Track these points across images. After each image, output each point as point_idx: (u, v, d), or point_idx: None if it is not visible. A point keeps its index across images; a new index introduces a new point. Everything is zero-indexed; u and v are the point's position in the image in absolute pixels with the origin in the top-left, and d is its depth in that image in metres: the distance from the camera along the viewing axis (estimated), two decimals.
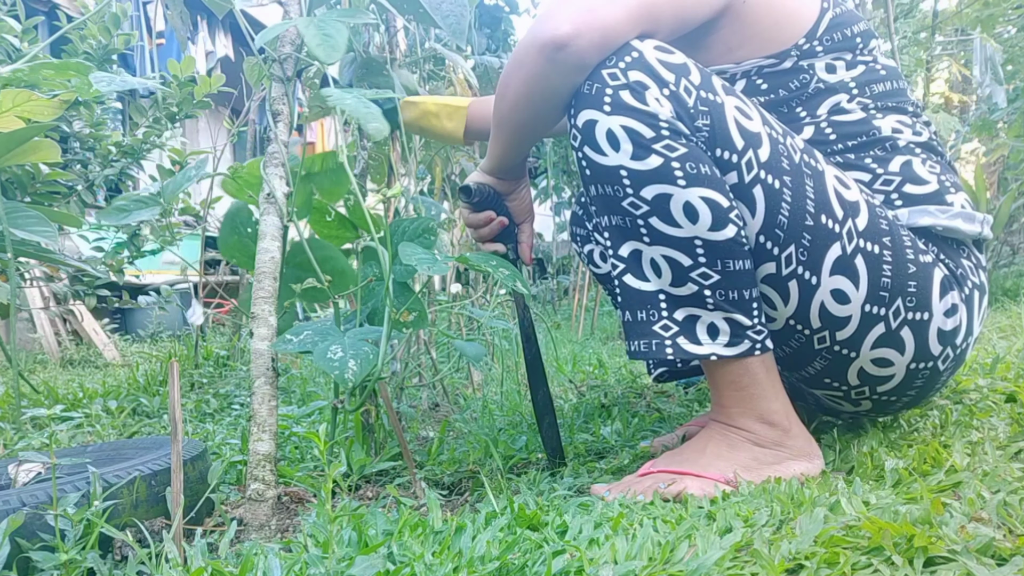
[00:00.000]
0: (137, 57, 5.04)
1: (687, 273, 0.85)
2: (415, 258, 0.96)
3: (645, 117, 0.82)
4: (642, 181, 0.83)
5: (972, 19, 3.97)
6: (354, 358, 0.91)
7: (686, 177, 0.82)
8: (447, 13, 1.06)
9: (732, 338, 0.86)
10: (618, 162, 0.84)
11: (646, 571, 0.59)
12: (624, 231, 0.87)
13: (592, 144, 0.85)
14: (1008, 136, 3.73)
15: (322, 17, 0.94)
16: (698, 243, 0.84)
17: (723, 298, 0.85)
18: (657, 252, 0.86)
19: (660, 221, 0.84)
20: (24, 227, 1.28)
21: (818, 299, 0.87)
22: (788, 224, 0.85)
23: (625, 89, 0.83)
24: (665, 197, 0.83)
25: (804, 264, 0.86)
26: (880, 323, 0.88)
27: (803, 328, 0.89)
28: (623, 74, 0.84)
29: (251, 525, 0.88)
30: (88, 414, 1.77)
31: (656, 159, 0.82)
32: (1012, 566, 0.53)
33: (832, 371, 0.93)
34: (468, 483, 1.11)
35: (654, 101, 0.82)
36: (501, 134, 1.00)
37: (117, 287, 2.56)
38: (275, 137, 1.01)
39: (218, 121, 5.61)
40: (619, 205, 0.86)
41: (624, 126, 0.83)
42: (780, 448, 0.88)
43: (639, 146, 0.83)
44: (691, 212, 0.83)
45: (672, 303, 0.87)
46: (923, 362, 0.91)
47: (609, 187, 0.86)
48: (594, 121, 0.84)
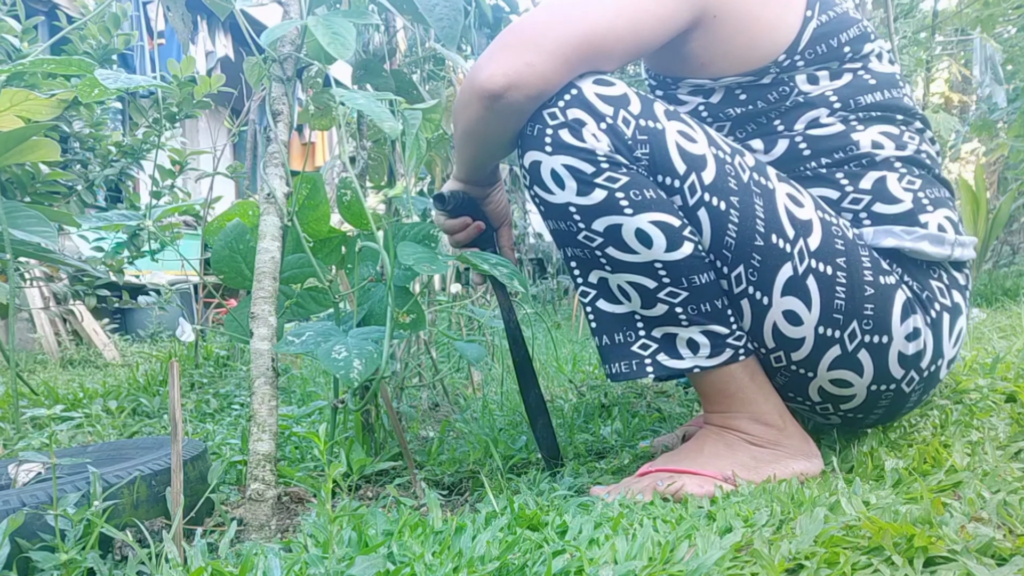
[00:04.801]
0: (137, 57, 5.04)
1: (654, 295, 0.86)
2: (414, 258, 0.96)
3: (584, 154, 0.83)
4: (591, 215, 0.84)
5: (972, 19, 3.97)
6: (358, 357, 0.91)
7: (632, 205, 0.83)
8: (440, 16, 1.06)
9: (713, 349, 0.87)
10: (566, 199, 0.85)
11: (646, 571, 0.59)
12: (586, 261, 0.89)
13: (540, 184, 0.86)
14: (1008, 136, 3.73)
15: (328, 16, 0.95)
16: (658, 265, 0.84)
17: (695, 312, 0.86)
18: (621, 279, 0.87)
19: (616, 250, 0.85)
20: (24, 227, 1.28)
21: (770, 319, 0.86)
22: (736, 244, 0.84)
23: (564, 128, 0.84)
24: (616, 227, 0.84)
25: (754, 284, 0.85)
26: (835, 345, 0.86)
27: (759, 347, 0.89)
28: (562, 113, 0.85)
29: (251, 525, 0.88)
30: (88, 414, 1.77)
31: (600, 192, 0.83)
32: (1012, 566, 0.53)
33: (794, 387, 0.92)
34: (468, 483, 1.11)
35: (591, 137, 0.83)
36: (463, 151, 1.01)
37: (117, 287, 2.56)
38: (275, 137, 1.01)
39: (218, 121, 5.61)
40: (575, 239, 0.87)
41: (566, 164, 0.84)
42: (777, 447, 0.88)
43: (582, 182, 0.83)
44: (644, 237, 0.83)
45: (647, 324, 0.89)
46: (884, 384, 0.89)
47: (563, 223, 0.87)
48: (538, 162, 0.86)
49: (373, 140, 1.47)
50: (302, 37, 1.03)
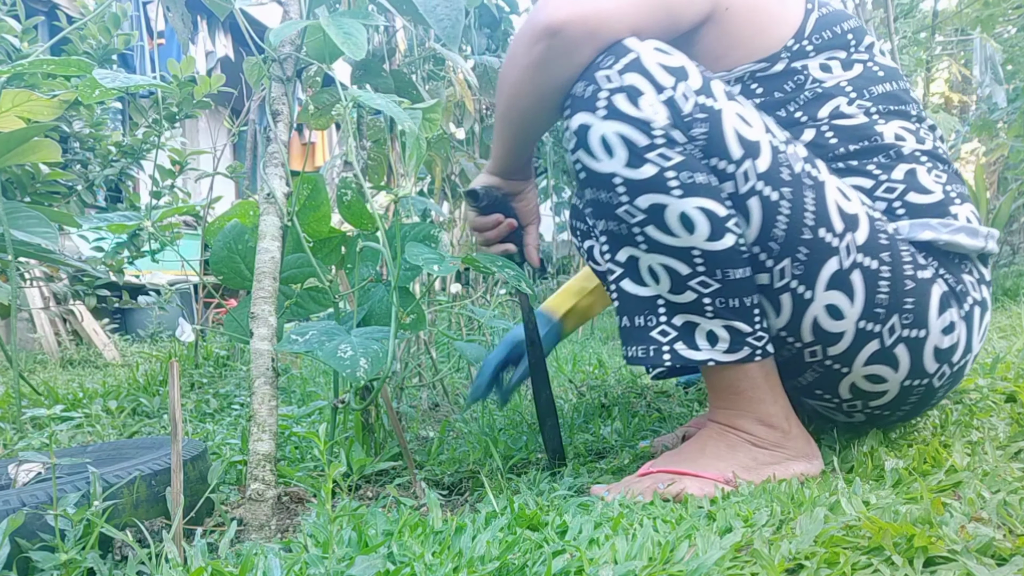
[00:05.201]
0: (137, 57, 5.04)
1: (685, 281, 0.84)
2: (422, 258, 0.96)
3: (639, 124, 0.80)
4: (637, 190, 0.81)
5: (972, 19, 3.97)
6: (364, 356, 0.91)
7: (682, 187, 0.80)
8: (441, 16, 1.06)
9: (732, 345, 0.85)
10: (612, 169, 0.82)
11: (646, 571, 0.59)
12: (620, 237, 0.86)
13: (586, 148, 0.83)
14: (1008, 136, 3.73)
15: (336, 17, 0.95)
16: (696, 253, 0.82)
17: (723, 306, 0.84)
18: (654, 260, 0.84)
19: (656, 230, 0.82)
20: (24, 227, 1.28)
21: (811, 313, 0.85)
22: (784, 237, 0.83)
23: (620, 93, 0.81)
24: (660, 207, 0.81)
25: (799, 278, 0.84)
26: (875, 340, 0.85)
27: (794, 341, 0.88)
28: (619, 76, 0.81)
29: (251, 525, 0.88)
30: (88, 414, 1.77)
31: (650, 168, 0.80)
32: (1012, 566, 0.53)
33: (824, 384, 0.92)
34: (468, 483, 1.11)
35: (649, 107, 0.80)
36: (503, 132, 0.99)
37: (117, 287, 2.56)
38: (275, 137, 1.01)
39: (218, 121, 5.61)
40: (613, 211, 0.84)
41: (619, 132, 0.81)
42: (779, 449, 0.88)
43: (633, 154, 0.80)
44: (688, 222, 0.81)
45: (671, 309, 0.86)
46: (918, 379, 0.88)
47: (604, 193, 0.84)
48: (588, 126, 0.82)
49: (373, 140, 1.47)
50: (302, 37, 1.03)
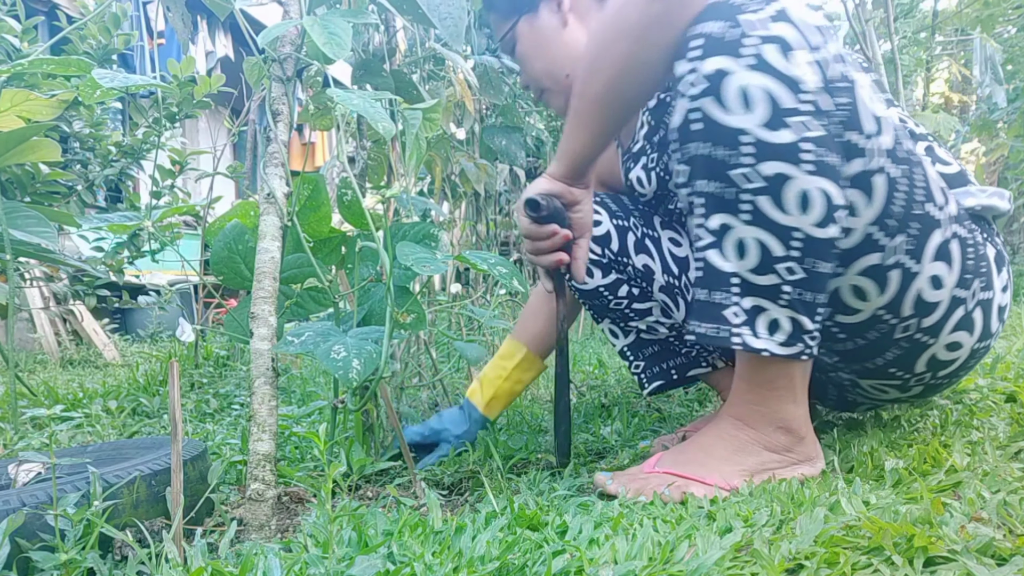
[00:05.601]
0: (137, 57, 5.04)
1: (773, 263, 0.78)
2: (413, 258, 0.96)
3: (789, 83, 0.73)
4: (765, 154, 0.75)
5: (972, 19, 3.97)
6: (357, 357, 0.91)
7: (814, 163, 0.75)
8: (444, 15, 1.05)
9: (789, 338, 0.81)
10: (744, 125, 0.75)
11: (646, 571, 0.59)
12: (721, 202, 0.79)
13: (718, 97, 0.75)
14: (1008, 136, 3.73)
15: (326, 16, 0.95)
16: (798, 235, 0.77)
17: (799, 297, 0.80)
18: (750, 233, 0.78)
19: (769, 202, 0.76)
20: (24, 227, 1.28)
21: (915, 287, 0.84)
22: (902, 214, 0.81)
23: (771, 43, 0.73)
24: (783, 179, 0.75)
25: (909, 253, 0.83)
26: (961, 306, 0.87)
27: (891, 317, 0.86)
28: (769, 23, 0.73)
29: (251, 525, 0.88)
30: (88, 414, 1.77)
31: (788, 134, 0.74)
32: (1012, 566, 0.53)
33: (902, 360, 0.91)
34: (468, 483, 1.11)
35: (801, 65, 0.73)
36: (594, 121, 0.90)
37: (117, 287, 2.56)
38: (275, 137, 1.01)
39: (218, 121, 5.61)
40: (724, 172, 0.77)
41: (763, 87, 0.73)
42: (789, 454, 0.87)
43: (775, 114, 0.73)
44: (805, 202, 0.75)
45: (745, 289, 0.81)
46: (984, 341, 0.91)
47: (722, 150, 0.76)
48: (727, 72, 0.74)
49: (373, 140, 1.47)
50: (302, 37, 1.03)
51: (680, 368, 1.25)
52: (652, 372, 1.26)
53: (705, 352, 1.25)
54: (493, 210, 2.55)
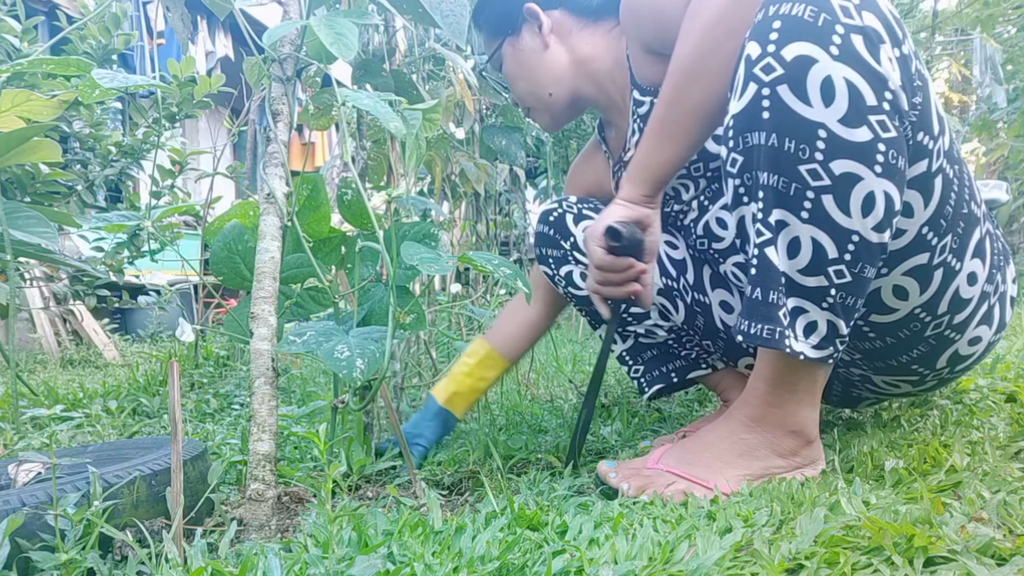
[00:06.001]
0: (137, 57, 5.04)
1: (826, 265, 0.76)
2: (418, 258, 0.96)
3: (874, 78, 0.70)
4: (839, 151, 0.71)
5: (972, 19, 3.97)
6: (361, 357, 0.91)
7: (884, 165, 0.72)
8: (447, 12, 1.05)
9: (822, 341, 0.79)
10: (822, 119, 0.71)
11: (646, 571, 0.59)
12: (782, 197, 0.75)
13: (796, 86, 0.71)
14: (1008, 136, 3.73)
15: (330, 17, 0.95)
16: (855, 238, 0.74)
17: (842, 301, 0.77)
18: (807, 232, 0.75)
19: (832, 202, 0.73)
20: (24, 227, 1.28)
21: (955, 284, 0.84)
22: (952, 213, 0.80)
23: (859, 34, 0.69)
24: (853, 179, 0.72)
25: (954, 251, 0.82)
26: (987, 301, 0.88)
27: (926, 315, 0.85)
28: (857, 13, 0.69)
29: (251, 525, 0.88)
30: (88, 414, 1.77)
31: (865, 133, 0.71)
32: (1012, 566, 0.53)
33: (927, 357, 0.91)
34: (468, 483, 1.11)
35: (887, 61, 0.70)
36: (685, 132, 0.86)
37: (117, 287, 2.56)
38: (275, 137, 1.01)
39: (218, 121, 5.61)
40: (793, 167, 0.73)
41: (848, 80, 0.69)
42: (795, 458, 0.86)
43: (855, 110, 0.70)
44: (869, 204, 0.73)
45: (790, 289, 0.78)
46: (999, 333, 0.92)
47: (793, 143, 0.73)
48: (812, 60, 0.70)
49: (373, 140, 1.47)
50: (302, 37, 1.03)
51: (680, 371, 1.25)
52: (652, 376, 1.26)
53: (705, 354, 1.25)
54: (493, 210, 2.55)
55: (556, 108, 1.19)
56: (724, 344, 1.16)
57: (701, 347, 1.25)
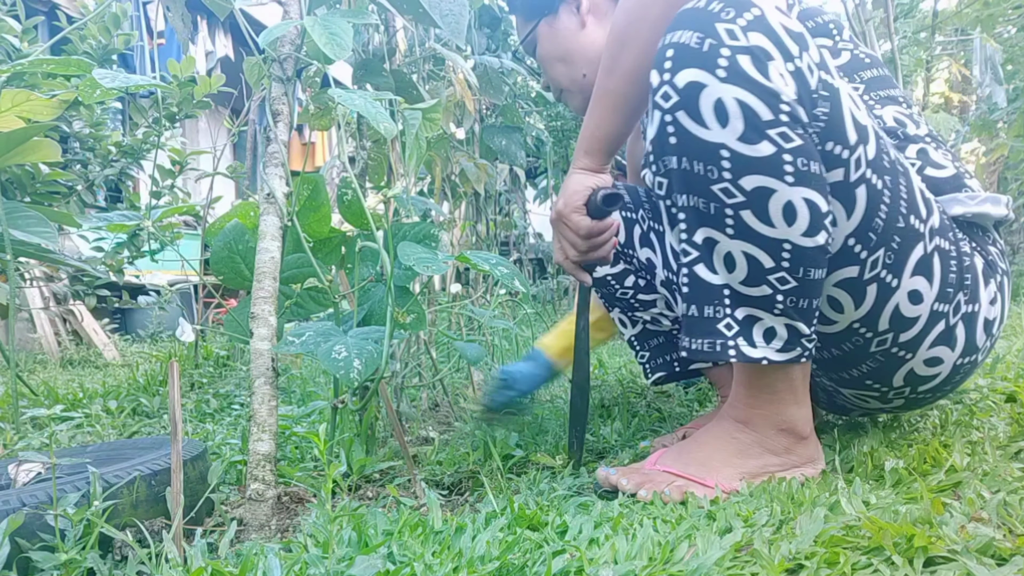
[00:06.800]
0: (137, 57, 5.04)
1: (764, 275, 0.77)
2: (414, 258, 0.96)
3: (766, 95, 0.71)
4: (744, 168, 0.73)
5: (972, 19, 3.97)
6: (359, 357, 0.91)
7: (795, 174, 0.73)
8: (446, 12, 1.05)
9: (786, 344, 0.80)
10: (721, 140, 0.73)
11: (646, 571, 0.59)
12: (703, 216, 0.77)
13: (692, 112, 0.73)
14: (1008, 136, 3.73)
15: (327, 16, 0.95)
16: (786, 246, 0.75)
17: (792, 305, 0.78)
18: (737, 247, 0.77)
19: (752, 216, 0.75)
20: (24, 227, 1.28)
21: (893, 301, 0.82)
22: (883, 227, 0.79)
23: (745, 54, 0.71)
24: (766, 192, 0.73)
25: (889, 267, 0.81)
26: (942, 320, 0.84)
27: (866, 331, 0.85)
28: (743, 33, 0.71)
29: (251, 525, 0.88)
30: (88, 414, 1.77)
31: (768, 147, 0.72)
32: (1012, 566, 0.53)
33: (878, 374, 0.89)
34: (468, 483, 1.11)
35: (778, 76, 0.71)
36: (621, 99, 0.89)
37: (117, 287, 2.56)
38: (275, 137, 1.01)
39: (218, 121, 5.61)
40: (707, 188, 0.75)
41: (739, 99, 0.71)
42: (790, 455, 0.86)
43: (752, 127, 0.71)
44: (790, 213, 0.74)
45: (736, 300, 0.80)
46: (969, 356, 0.88)
47: (701, 165, 0.75)
48: (701, 85, 0.72)
49: (373, 140, 1.47)
50: (302, 37, 1.03)
51: (683, 360, 1.26)
52: (656, 363, 1.28)
53: None
54: (493, 210, 2.55)
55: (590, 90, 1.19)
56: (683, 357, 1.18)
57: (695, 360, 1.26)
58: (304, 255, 1.10)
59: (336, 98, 0.93)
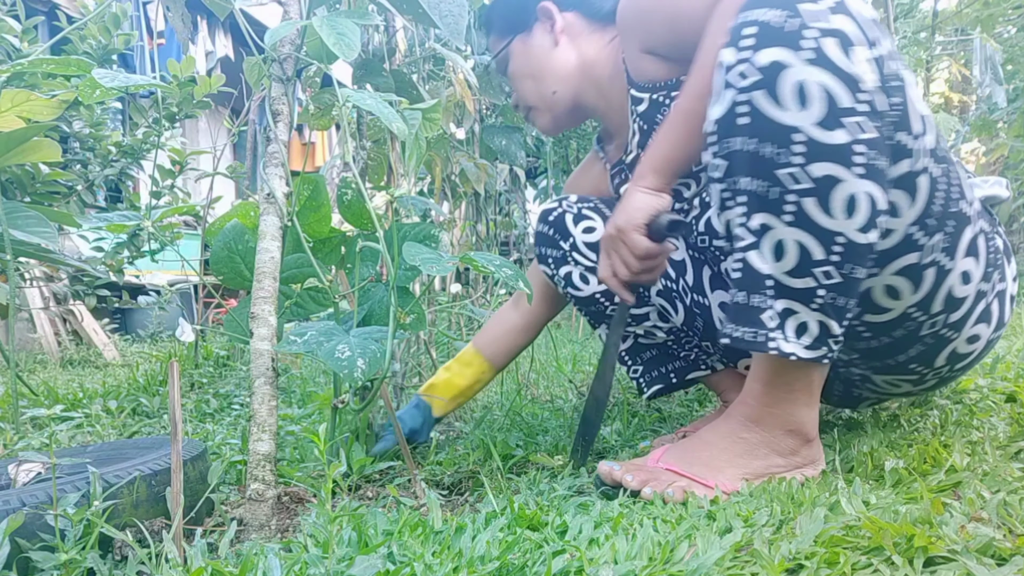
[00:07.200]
0: (137, 57, 5.04)
1: (812, 267, 0.76)
2: (419, 258, 0.96)
3: (848, 81, 0.70)
4: (817, 154, 0.72)
5: (972, 19, 3.97)
6: (362, 356, 0.91)
7: (865, 167, 0.72)
8: (445, 13, 1.05)
9: (814, 342, 0.79)
10: (796, 122, 0.71)
11: (646, 571, 0.59)
12: (763, 201, 0.76)
13: (771, 92, 0.71)
14: (1008, 136, 3.73)
15: (331, 17, 0.95)
16: (840, 239, 0.75)
17: (832, 302, 0.77)
18: (791, 235, 0.75)
19: (814, 205, 0.73)
20: (24, 227, 1.28)
21: (948, 283, 0.83)
22: (940, 212, 0.80)
23: (832, 37, 0.70)
24: (832, 181, 0.72)
25: (945, 250, 0.82)
26: (983, 299, 0.87)
27: (920, 315, 0.85)
28: (828, 16, 0.70)
29: (251, 525, 0.88)
30: (88, 414, 1.77)
31: (842, 135, 0.71)
32: (1012, 566, 0.53)
33: (926, 356, 0.90)
34: (468, 483, 1.11)
35: (861, 63, 0.70)
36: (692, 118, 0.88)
37: (117, 287, 2.56)
38: (275, 137, 1.01)
39: (218, 121, 5.61)
40: (771, 170, 0.74)
41: (822, 84, 0.70)
42: (794, 457, 0.86)
43: (831, 113, 0.70)
44: (851, 206, 0.73)
45: (778, 291, 0.78)
46: (999, 331, 0.91)
47: (771, 148, 0.73)
48: (784, 65, 0.71)
49: (373, 140, 1.47)
50: (302, 37, 1.03)
51: (679, 371, 1.25)
52: (651, 376, 1.26)
53: (704, 355, 1.25)
54: (493, 210, 2.55)
55: (558, 109, 1.19)
56: (723, 345, 1.16)
57: (700, 348, 1.25)
58: (304, 255, 1.10)
59: (347, 98, 0.93)
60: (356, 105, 0.92)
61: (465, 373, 1.32)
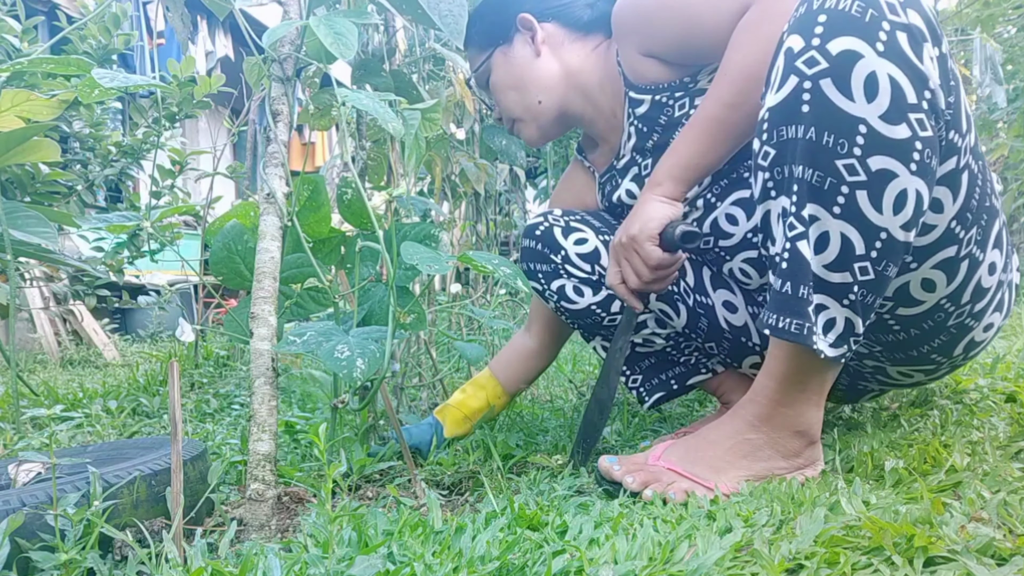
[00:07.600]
0: (137, 57, 5.04)
1: (852, 261, 0.76)
2: (419, 258, 0.96)
3: (916, 76, 0.70)
4: (877, 147, 0.71)
5: (972, 19, 3.97)
6: (361, 357, 0.91)
7: (919, 164, 0.72)
8: (445, 13, 1.05)
9: (838, 339, 0.78)
10: (863, 114, 0.71)
11: (646, 571, 0.59)
12: (816, 191, 0.75)
13: (841, 81, 0.71)
14: (1008, 136, 3.73)
15: (330, 16, 0.95)
16: (883, 235, 0.74)
17: (863, 299, 0.77)
18: (837, 227, 0.75)
19: (866, 198, 0.73)
20: (24, 227, 1.28)
21: (978, 274, 0.85)
22: (976, 206, 0.81)
23: (904, 31, 0.70)
24: (888, 176, 0.72)
25: (978, 243, 0.83)
26: (1002, 288, 0.89)
27: (950, 306, 0.86)
28: (902, 10, 0.70)
29: (251, 525, 0.88)
30: (88, 414, 1.77)
31: (903, 131, 0.71)
32: (1012, 566, 0.53)
33: (947, 346, 0.91)
34: (468, 483, 1.11)
35: (929, 60, 0.71)
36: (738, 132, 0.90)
37: (117, 287, 2.56)
38: (275, 137, 1.01)
39: (218, 121, 5.61)
40: (830, 162, 0.73)
41: (892, 76, 0.70)
42: (797, 459, 0.86)
43: (895, 107, 0.70)
44: (900, 202, 0.73)
45: (817, 285, 0.77)
46: (1007, 319, 0.93)
47: (832, 137, 0.73)
48: (857, 55, 0.70)
49: (373, 140, 1.47)
50: (302, 37, 1.03)
51: (680, 377, 1.25)
52: (651, 384, 1.26)
53: (704, 357, 1.25)
54: (493, 210, 2.55)
55: (544, 119, 1.19)
56: (729, 345, 1.16)
57: (701, 351, 1.24)
58: (304, 255, 1.10)
59: (343, 98, 0.93)
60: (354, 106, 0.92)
61: (479, 395, 1.33)
